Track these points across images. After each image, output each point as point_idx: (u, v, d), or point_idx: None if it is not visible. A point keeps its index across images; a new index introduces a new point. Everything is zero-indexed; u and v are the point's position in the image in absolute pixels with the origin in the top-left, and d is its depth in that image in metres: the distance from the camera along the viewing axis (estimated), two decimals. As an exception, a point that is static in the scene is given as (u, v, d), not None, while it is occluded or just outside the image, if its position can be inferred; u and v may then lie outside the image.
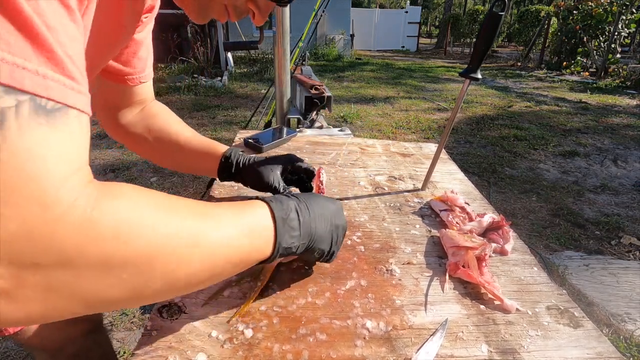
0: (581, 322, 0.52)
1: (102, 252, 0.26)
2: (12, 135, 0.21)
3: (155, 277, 0.29)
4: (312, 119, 1.54)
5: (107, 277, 0.27)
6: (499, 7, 0.63)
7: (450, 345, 0.47)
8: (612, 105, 5.77)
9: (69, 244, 0.24)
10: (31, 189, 0.22)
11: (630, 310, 1.63)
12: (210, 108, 4.73)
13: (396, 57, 13.06)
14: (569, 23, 8.72)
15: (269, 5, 0.48)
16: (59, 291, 0.25)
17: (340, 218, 0.51)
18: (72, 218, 0.24)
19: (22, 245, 0.22)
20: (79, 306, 0.27)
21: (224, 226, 0.35)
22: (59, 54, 0.24)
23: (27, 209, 0.22)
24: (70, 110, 0.25)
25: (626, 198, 2.81)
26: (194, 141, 0.69)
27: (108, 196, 0.27)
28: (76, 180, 0.25)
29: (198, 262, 0.32)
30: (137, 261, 0.28)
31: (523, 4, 20.13)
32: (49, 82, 0.23)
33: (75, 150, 0.25)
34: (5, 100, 0.21)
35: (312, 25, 2.63)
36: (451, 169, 0.99)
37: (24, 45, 0.22)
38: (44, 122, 0.23)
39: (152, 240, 0.29)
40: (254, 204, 0.42)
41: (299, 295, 0.54)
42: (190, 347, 0.44)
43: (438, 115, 4.98)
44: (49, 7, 0.23)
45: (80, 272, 0.25)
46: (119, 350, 1.38)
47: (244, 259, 0.38)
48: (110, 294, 0.27)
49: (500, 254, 0.66)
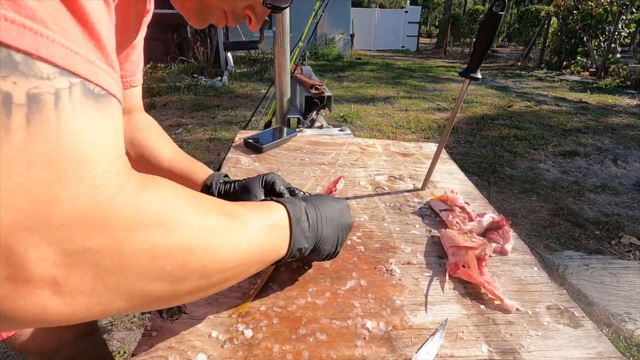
0: (581, 322, 0.52)
1: (147, 239, 0.26)
2: (66, 115, 0.22)
3: (193, 271, 0.30)
4: (312, 118, 1.54)
5: (151, 267, 0.27)
6: (498, 7, 0.63)
7: (450, 345, 0.47)
8: (612, 105, 5.77)
9: (119, 229, 0.24)
10: (83, 170, 0.22)
11: (630, 310, 1.63)
12: (210, 108, 4.73)
13: (396, 57, 13.06)
14: (569, 23, 8.71)
15: (265, 11, 0.49)
16: (107, 281, 0.25)
17: (345, 217, 0.52)
18: (122, 202, 0.24)
19: (75, 228, 0.22)
20: (123, 300, 0.27)
21: (249, 225, 0.36)
22: (105, 42, 0.25)
23: (80, 190, 0.22)
24: (112, 99, 0.26)
25: (626, 198, 2.81)
26: (176, 164, 0.67)
27: (150, 185, 0.28)
28: (121, 166, 0.26)
29: (228, 259, 0.33)
30: (178, 252, 0.28)
31: (523, 3, 20.12)
32: (97, 69, 0.24)
33: (117, 137, 0.26)
34: (59, 81, 0.21)
35: (312, 25, 2.64)
36: (451, 168, 0.99)
37: (77, 31, 0.23)
38: (93, 105, 0.23)
39: (191, 233, 0.29)
40: (271, 205, 0.43)
41: (299, 295, 0.54)
42: (191, 347, 0.44)
43: (438, 115, 4.98)
44: (95, 0, 0.24)
45: (128, 260, 0.25)
46: (119, 350, 1.38)
47: (263, 259, 0.39)
48: (153, 287, 0.28)
49: (500, 254, 0.66)
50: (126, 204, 0.25)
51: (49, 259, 0.22)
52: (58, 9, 0.22)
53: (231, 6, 0.47)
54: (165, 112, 4.51)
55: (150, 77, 6.12)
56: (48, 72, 0.21)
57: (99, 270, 0.24)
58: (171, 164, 0.67)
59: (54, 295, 0.23)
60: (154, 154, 0.66)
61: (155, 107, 4.72)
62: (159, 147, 0.67)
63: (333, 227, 0.49)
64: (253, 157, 0.97)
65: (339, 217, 0.50)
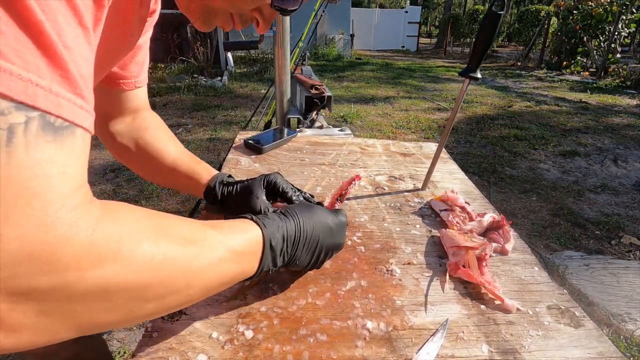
0: (582, 321, 0.52)
1: (101, 276, 0.25)
2: (18, 152, 0.21)
3: (149, 301, 0.30)
4: (312, 119, 1.54)
5: (103, 302, 0.26)
6: (498, 7, 0.63)
7: (450, 346, 0.47)
8: (612, 105, 5.77)
9: (68, 268, 0.23)
10: (33, 208, 0.22)
11: (630, 310, 1.63)
12: (210, 108, 4.73)
13: (396, 57, 13.06)
14: (569, 23, 8.71)
15: (273, 14, 0.48)
16: (52, 316, 0.24)
17: (335, 237, 0.51)
18: (73, 240, 0.24)
19: (21, 268, 0.21)
20: (70, 331, 0.26)
21: (216, 251, 0.36)
22: (73, 72, 0.24)
23: (29, 228, 0.21)
24: (77, 129, 0.25)
25: (626, 198, 2.81)
26: (180, 163, 0.67)
27: (107, 218, 0.27)
28: (78, 200, 0.25)
29: (191, 285, 0.33)
30: (133, 286, 0.28)
31: (523, 3, 20.13)
32: (61, 100, 0.23)
33: (78, 168, 0.25)
34: (14, 116, 0.21)
35: (312, 25, 2.63)
36: (451, 168, 0.99)
37: (41, 62, 0.22)
38: (51, 139, 0.23)
39: (149, 267, 0.29)
40: (246, 227, 0.42)
41: (299, 296, 0.54)
42: (191, 348, 0.44)
43: (438, 115, 4.98)
44: (68, 27, 0.24)
45: (76, 297, 0.24)
46: (119, 350, 1.38)
47: (227, 282, 0.39)
48: (103, 318, 0.27)
49: (501, 254, 0.66)
50: (78, 242, 0.24)
51: None
52: (21, 41, 0.21)
53: (238, 9, 0.45)
54: (165, 112, 4.51)
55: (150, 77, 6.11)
56: (2, 107, 0.20)
57: (45, 307, 0.23)
58: (175, 164, 0.67)
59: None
60: (158, 153, 0.66)
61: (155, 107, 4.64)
62: (164, 146, 0.67)
63: (312, 249, 0.48)
64: (253, 157, 0.97)
65: (324, 237, 0.49)
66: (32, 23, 0.21)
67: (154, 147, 0.66)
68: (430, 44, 20.48)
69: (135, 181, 2.66)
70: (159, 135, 0.67)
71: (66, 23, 0.23)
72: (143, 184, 2.60)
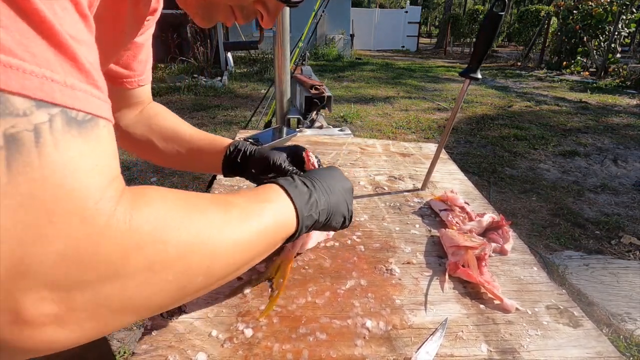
0: (581, 321, 0.53)
1: (145, 258, 0.26)
2: (48, 151, 0.21)
3: (196, 274, 0.30)
4: (312, 118, 1.54)
5: (154, 282, 0.27)
6: (499, 7, 0.63)
7: (450, 345, 0.47)
8: (612, 105, 5.77)
9: (114, 256, 0.24)
10: (72, 205, 0.22)
11: (630, 310, 1.64)
12: (210, 108, 4.73)
13: (396, 57, 13.06)
14: (569, 23, 8.71)
15: (278, 6, 0.45)
16: (110, 305, 0.25)
17: (345, 181, 0.52)
18: (114, 229, 0.24)
19: (69, 264, 0.22)
20: (131, 316, 0.27)
21: (247, 212, 0.36)
22: (83, 62, 0.23)
23: (71, 225, 0.22)
24: (99, 121, 0.25)
25: (626, 198, 2.81)
26: (197, 136, 0.68)
27: (140, 203, 0.27)
28: (113, 191, 0.25)
29: (232, 251, 0.33)
30: (178, 261, 0.28)
31: (523, 3, 20.12)
32: (77, 92, 0.23)
33: (108, 160, 0.25)
34: (37, 115, 0.20)
35: (312, 25, 2.63)
36: (451, 168, 0.99)
37: (50, 55, 0.21)
38: (77, 134, 0.23)
39: (189, 239, 0.29)
40: (266, 186, 0.43)
41: (299, 294, 0.54)
42: (191, 346, 0.45)
43: (438, 115, 4.98)
44: (69, 16, 0.23)
45: (128, 282, 0.25)
46: (119, 350, 1.38)
47: (271, 241, 0.39)
48: (158, 298, 0.28)
49: (500, 254, 0.66)
50: (119, 230, 0.24)
51: (47, 298, 0.21)
52: (26, 34, 0.20)
53: (238, 2, 0.43)
54: (165, 112, 4.51)
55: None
56: (23, 107, 0.20)
57: (100, 297, 0.24)
58: (193, 138, 0.67)
59: (59, 328, 0.23)
60: (174, 132, 0.67)
61: (155, 107, 4.71)
62: (178, 126, 0.68)
63: (339, 193, 0.49)
64: (253, 157, 0.97)
65: (339, 181, 0.51)
66: (35, 15, 0.20)
67: (169, 128, 0.67)
68: (430, 44, 20.48)
69: (135, 182, 2.67)
70: (169, 117, 0.69)
71: (65, 12, 0.22)
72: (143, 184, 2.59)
